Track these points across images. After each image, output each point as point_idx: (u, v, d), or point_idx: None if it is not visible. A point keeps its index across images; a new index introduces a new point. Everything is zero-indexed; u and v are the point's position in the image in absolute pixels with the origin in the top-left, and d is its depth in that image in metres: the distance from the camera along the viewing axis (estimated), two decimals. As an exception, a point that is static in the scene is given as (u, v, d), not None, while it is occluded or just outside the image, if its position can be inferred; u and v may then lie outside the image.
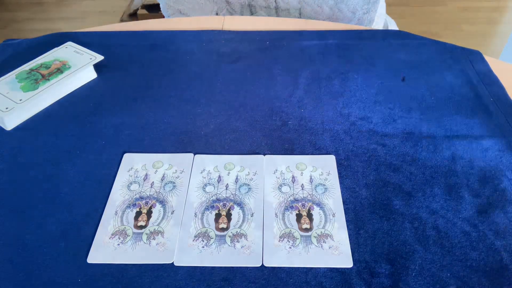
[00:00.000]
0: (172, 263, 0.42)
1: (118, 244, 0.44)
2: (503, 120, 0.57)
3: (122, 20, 1.97)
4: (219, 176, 0.50)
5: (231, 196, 0.48)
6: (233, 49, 0.72)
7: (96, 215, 0.46)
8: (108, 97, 0.62)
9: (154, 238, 0.44)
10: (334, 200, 0.47)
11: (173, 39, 0.74)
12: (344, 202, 0.47)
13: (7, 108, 0.56)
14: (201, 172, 0.51)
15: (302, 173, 0.50)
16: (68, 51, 0.67)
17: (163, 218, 0.46)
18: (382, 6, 1.02)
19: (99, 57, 0.66)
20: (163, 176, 0.50)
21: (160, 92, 0.63)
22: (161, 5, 0.97)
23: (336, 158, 0.52)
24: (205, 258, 0.42)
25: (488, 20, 2.01)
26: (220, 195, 0.48)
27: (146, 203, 0.47)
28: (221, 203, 0.47)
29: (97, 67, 0.66)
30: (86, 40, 0.72)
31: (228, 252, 0.43)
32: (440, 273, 0.41)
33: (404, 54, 0.69)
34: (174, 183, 0.50)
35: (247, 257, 0.42)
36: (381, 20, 1.03)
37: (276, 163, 0.52)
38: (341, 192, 0.48)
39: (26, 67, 0.63)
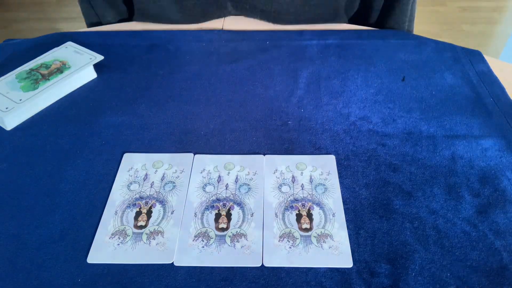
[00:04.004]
0: (172, 263, 0.42)
1: (118, 244, 0.44)
2: (503, 120, 0.57)
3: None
4: (219, 176, 0.50)
5: (231, 196, 0.48)
6: (233, 49, 0.72)
7: (96, 215, 0.46)
8: (108, 97, 0.62)
9: (154, 238, 0.44)
10: (334, 200, 0.47)
11: (173, 39, 0.74)
12: (344, 202, 0.47)
13: (7, 108, 0.56)
14: (201, 172, 0.51)
15: (302, 173, 0.50)
16: (68, 51, 0.67)
17: (163, 218, 0.46)
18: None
19: (99, 57, 0.66)
20: (163, 176, 0.50)
21: (160, 92, 0.63)
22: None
23: (336, 158, 0.52)
24: (205, 258, 0.42)
25: (488, 20, 2.01)
26: (220, 195, 0.48)
27: (146, 203, 0.47)
28: (221, 203, 0.47)
29: (97, 67, 0.66)
30: (86, 40, 0.72)
31: (228, 252, 0.43)
32: (440, 273, 0.41)
33: (404, 54, 0.69)
34: (174, 183, 0.50)
35: (247, 257, 0.42)
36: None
37: (276, 163, 0.52)
38: (341, 192, 0.48)
39: (26, 67, 0.64)
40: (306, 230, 0.45)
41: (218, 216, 0.46)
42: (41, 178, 0.50)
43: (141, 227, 0.45)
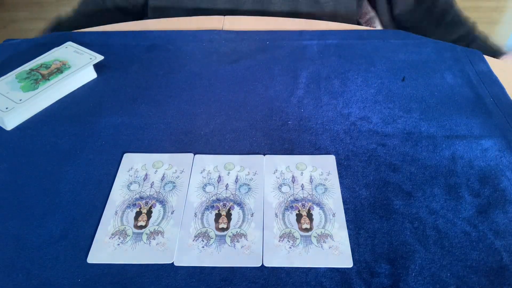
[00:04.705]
0: (172, 263, 0.42)
1: (118, 244, 0.44)
2: (503, 120, 0.57)
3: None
4: (219, 176, 0.50)
5: (231, 196, 0.48)
6: (233, 49, 0.72)
7: (96, 215, 0.46)
8: (108, 97, 0.62)
9: (154, 238, 0.44)
10: (334, 200, 0.47)
11: (173, 39, 0.74)
12: (344, 202, 0.47)
13: (7, 108, 0.56)
14: (201, 172, 0.51)
15: (302, 173, 0.50)
16: (68, 51, 0.67)
17: (163, 218, 0.46)
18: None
19: (99, 57, 0.66)
20: (163, 176, 0.50)
21: (160, 92, 0.63)
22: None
23: (336, 158, 0.52)
24: (205, 258, 0.42)
25: (488, 20, 2.01)
26: (220, 195, 0.48)
27: (146, 203, 0.48)
28: (221, 203, 0.47)
29: (97, 67, 0.66)
30: (86, 40, 0.72)
31: (228, 252, 0.43)
32: (440, 273, 0.41)
33: (404, 54, 0.69)
34: (174, 183, 0.50)
35: (247, 257, 0.42)
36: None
37: (276, 163, 0.52)
38: (341, 192, 0.48)
39: (26, 67, 0.64)
40: (306, 230, 0.45)
41: (218, 216, 0.46)
42: (41, 178, 0.50)
43: (141, 227, 0.45)
